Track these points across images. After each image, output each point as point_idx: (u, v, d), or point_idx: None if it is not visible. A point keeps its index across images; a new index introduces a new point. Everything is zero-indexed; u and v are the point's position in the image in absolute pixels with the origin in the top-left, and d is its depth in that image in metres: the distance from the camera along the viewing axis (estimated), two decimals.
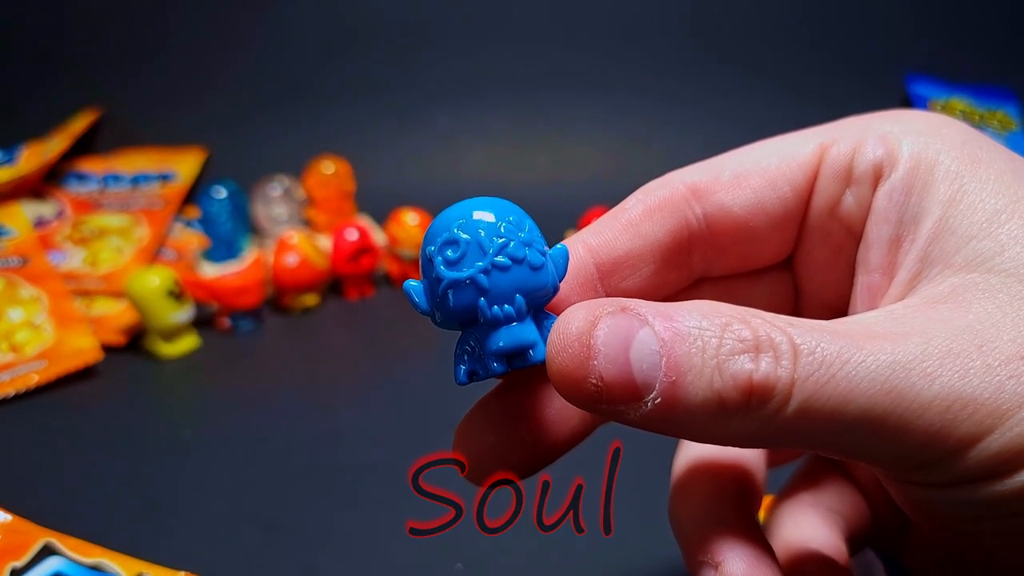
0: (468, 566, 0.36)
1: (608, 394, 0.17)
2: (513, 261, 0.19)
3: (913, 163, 0.21)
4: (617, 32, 0.82)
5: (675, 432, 0.18)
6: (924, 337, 0.17)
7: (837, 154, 0.22)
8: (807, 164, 0.22)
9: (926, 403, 0.16)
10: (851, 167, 0.22)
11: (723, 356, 0.17)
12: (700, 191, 0.22)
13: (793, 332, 0.17)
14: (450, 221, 0.19)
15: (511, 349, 0.19)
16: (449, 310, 0.19)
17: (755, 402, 0.17)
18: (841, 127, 0.23)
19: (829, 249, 0.23)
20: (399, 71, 0.81)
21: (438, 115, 0.79)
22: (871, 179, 0.21)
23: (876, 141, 0.22)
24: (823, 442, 0.17)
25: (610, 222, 0.22)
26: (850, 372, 0.16)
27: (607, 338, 0.17)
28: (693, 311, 0.17)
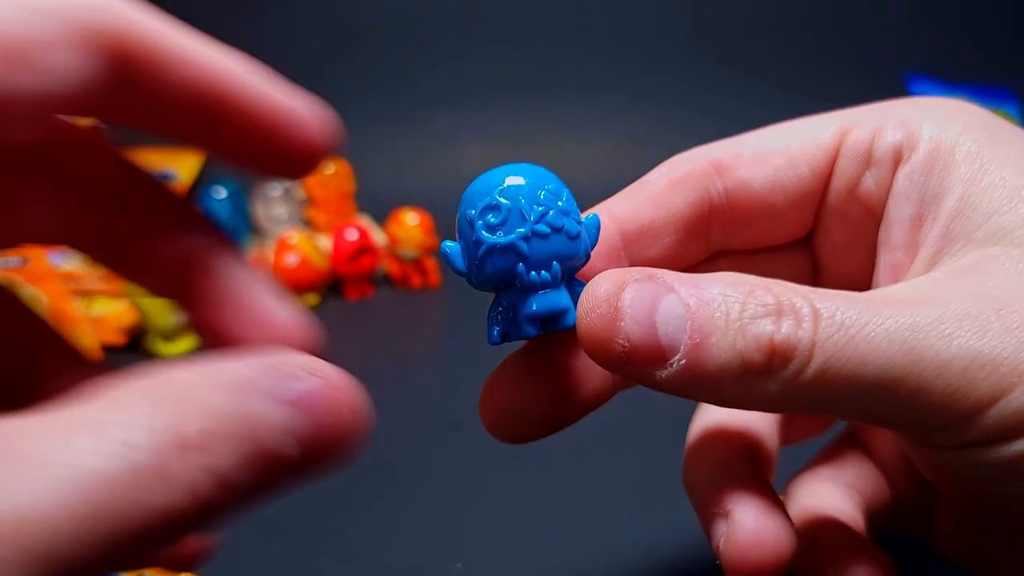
0: (468, 566, 0.36)
1: (634, 355, 0.18)
2: (552, 229, 0.19)
3: (933, 145, 0.21)
4: (617, 33, 0.82)
5: (698, 395, 0.18)
6: (944, 301, 0.17)
7: (857, 137, 0.23)
8: (827, 145, 0.23)
9: (944, 363, 0.16)
10: (871, 149, 0.22)
11: (746, 319, 0.17)
12: (722, 166, 0.23)
13: (814, 298, 0.17)
14: (491, 186, 0.20)
15: (546, 313, 0.20)
16: (486, 273, 0.20)
17: (776, 363, 0.17)
18: (861, 112, 0.23)
19: (848, 229, 0.23)
20: (399, 71, 0.81)
21: (438, 115, 0.79)
22: (891, 161, 0.22)
23: (896, 125, 0.22)
24: (844, 405, 0.18)
25: (635, 193, 0.23)
26: (869, 334, 0.17)
27: (634, 301, 0.18)
28: (718, 280, 0.18)
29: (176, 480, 0.13)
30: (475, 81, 0.81)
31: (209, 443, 0.14)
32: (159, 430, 0.13)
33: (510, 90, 0.81)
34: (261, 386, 0.16)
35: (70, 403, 0.13)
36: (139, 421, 0.13)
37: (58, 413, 0.13)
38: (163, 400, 0.14)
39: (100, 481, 0.12)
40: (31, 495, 0.12)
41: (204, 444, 0.14)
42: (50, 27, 0.16)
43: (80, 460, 0.12)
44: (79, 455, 0.12)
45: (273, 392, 0.16)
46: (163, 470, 0.13)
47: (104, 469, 0.12)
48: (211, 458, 0.14)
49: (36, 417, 0.13)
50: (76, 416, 0.13)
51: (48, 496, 0.12)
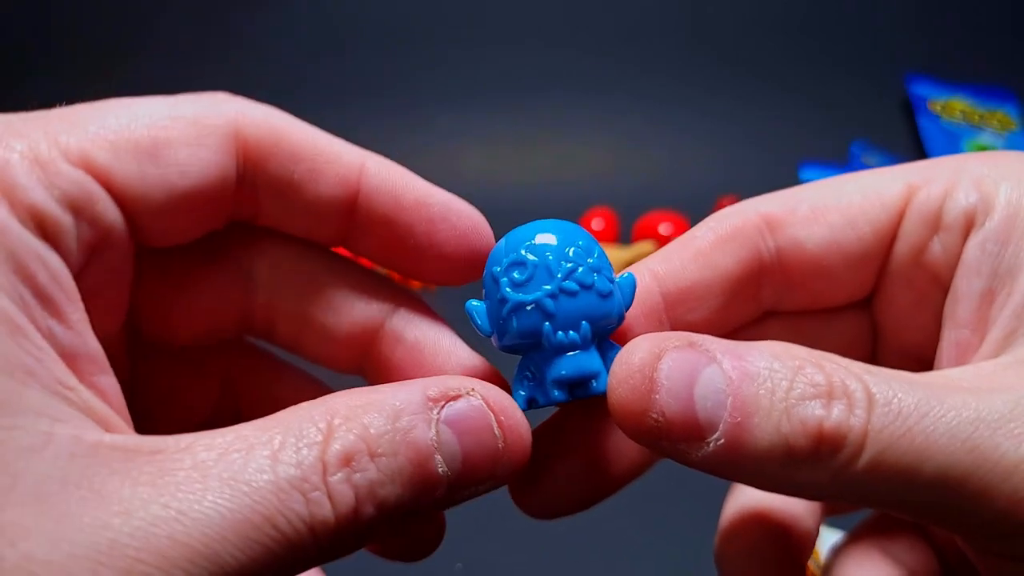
0: (468, 566, 0.36)
1: (669, 431, 0.16)
2: (581, 287, 0.19)
3: (1011, 211, 0.19)
4: (617, 33, 0.82)
5: (738, 477, 0.17)
6: (1015, 395, 0.16)
7: (926, 197, 0.20)
8: (892, 205, 0.21)
9: (1011, 466, 0.15)
10: (941, 212, 0.20)
11: (793, 400, 0.16)
12: (774, 222, 0.21)
13: (869, 380, 0.16)
14: (518, 242, 0.19)
15: (574, 377, 0.19)
16: (512, 333, 0.19)
17: (825, 451, 0.16)
18: (931, 167, 0.21)
19: (912, 296, 0.21)
20: (399, 71, 0.81)
21: (438, 115, 0.79)
22: (962, 226, 0.20)
23: (970, 185, 0.20)
24: (897, 501, 0.16)
25: (679, 250, 0.21)
26: (928, 426, 0.15)
27: (671, 372, 0.16)
28: (765, 351, 0.17)
29: (318, 493, 0.15)
30: (475, 81, 0.81)
31: (358, 459, 0.15)
32: (304, 448, 0.15)
33: (510, 90, 0.81)
34: (415, 406, 0.17)
35: (237, 427, 0.16)
36: (287, 440, 0.15)
37: (218, 435, 0.15)
38: (312, 420, 0.16)
39: (247, 492, 0.14)
40: (198, 503, 0.14)
41: (350, 460, 0.15)
42: (186, 130, 0.18)
43: (236, 477, 0.14)
44: (232, 473, 0.14)
45: (426, 411, 0.17)
46: (304, 483, 0.15)
47: (251, 482, 0.14)
48: (358, 474, 0.15)
49: (202, 438, 0.15)
50: (233, 439, 0.15)
51: (206, 505, 0.14)
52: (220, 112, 0.19)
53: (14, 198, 0.16)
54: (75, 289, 0.16)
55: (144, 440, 0.15)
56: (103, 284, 0.18)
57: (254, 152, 0.19)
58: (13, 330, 0.14)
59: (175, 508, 0.14)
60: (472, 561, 0.36)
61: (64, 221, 0.16)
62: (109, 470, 0.14)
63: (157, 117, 0.18)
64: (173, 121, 0.18)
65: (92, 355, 0.16)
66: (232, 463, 0.15)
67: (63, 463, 0.14)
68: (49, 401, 0.14)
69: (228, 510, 0.14)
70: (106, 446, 0.14)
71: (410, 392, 0.17)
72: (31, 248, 0.15)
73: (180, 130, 0.18)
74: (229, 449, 0.15)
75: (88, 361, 0.16)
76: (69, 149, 0.17)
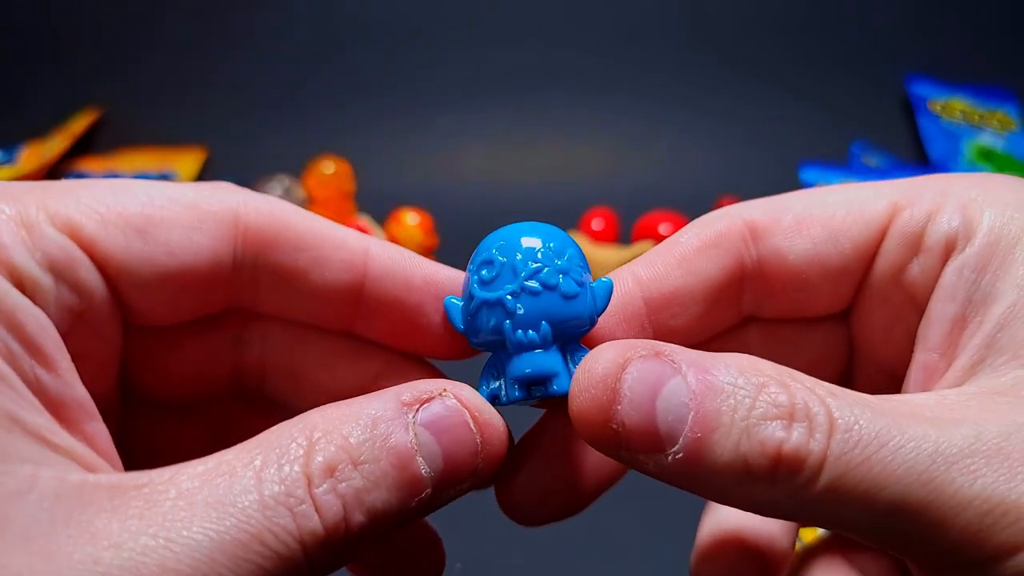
0: (468, 566, 0.36)
1: (628, 441, 0.16)
2: (544, 287, 0.19)
3: (992, 238, 0.19)
4: (617, 33, 0.82)
5: (694, 489, 0.17)
6: (975, 429, 0.16)
7: (909, 218, 0.20)
8: (875, 223, 0.21)
9: (965, 502, 0.15)
10: (923, 234, 0.20)
11: (754, 419, 0.16)
12: (758, 231, 0.21)
13: (832, 403, 0.16)
14: (492, 242, 0.19)
15: (530, 376, 0.19)
16: (477, 329, 0.19)
17: (783, 472, 0.16)
18: (919, 187, 0.21)
19: (888, 313, 0.21)
20: (399, 71, 0.81)
21: (438, 115, 0.79)
22: (942, 250, 0.20)
23: (954, 209, 0.20)
24: (852, 525, 0.16)
25: (663, 255, 0.21)
26: (886, 456, 0.15)
27: (635, 383, 0.16)
28: (731, 365, 0.17)
29: (304, 506, 0.15)
30: (475, 81, 0.81)
31: (341, 469, 0.16)
32: (286, 464, 0.15)
33: (510, 90, 0.81)
34: (390, 412, 0.17)
35: (217, 455, 0.16)
36: (269, 458, 0.15)
37: (200, 463, 0.16)
38: (292, 437, 0.16)
39: (233, 513, 0.14)
40: (186, 530, 0.14)
41: (334, 470, 0.16)
42: (182, 213, 0.18)
43: (223, 501, 0.15)
44: (218, 497, 0.15)
45: (402, 416, 0.17)
46: (290, 498, 0.15)
47: (236, 503, 0.15)
48: (343, 483, 0.16)
49: (185, 468, 0.15)
50: (215, 465, 0.15)
51: (194, 531, 0.14)
52: (221, 199, 0.19)
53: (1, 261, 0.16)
54: (60, 340, 0.16)
55: (128, 476, 0.15)
56: (89, 350, 0.18)
57: (255, 240, 0.19)
58: (2, 381, 0.15)
59: (163, 537, 0.14)
60: (472, 561, 0.36)
61: (45, 283, 0.16)
62: (96, 507, 0.14)
63: (155, 198, 0.18)
64: (170, 203, 0.18)
65: (80, 402, 0.16)
66: (217, 487, 0.15)
67: (49, 504, 0.14)
68: (32, 447, 0.15)
69: (216, 532, 0.14)
70: (90, 484, 0.15)
71: (384, 400, 0.17)
72: (16, 301, 0.16)
73: (175, 212, 0.18)
74: (213, 474, 0.15)
75: (76, 408, 0.16)
76: (57, 215, 0.17)
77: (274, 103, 0.80)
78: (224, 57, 0.82)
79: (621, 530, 0.38)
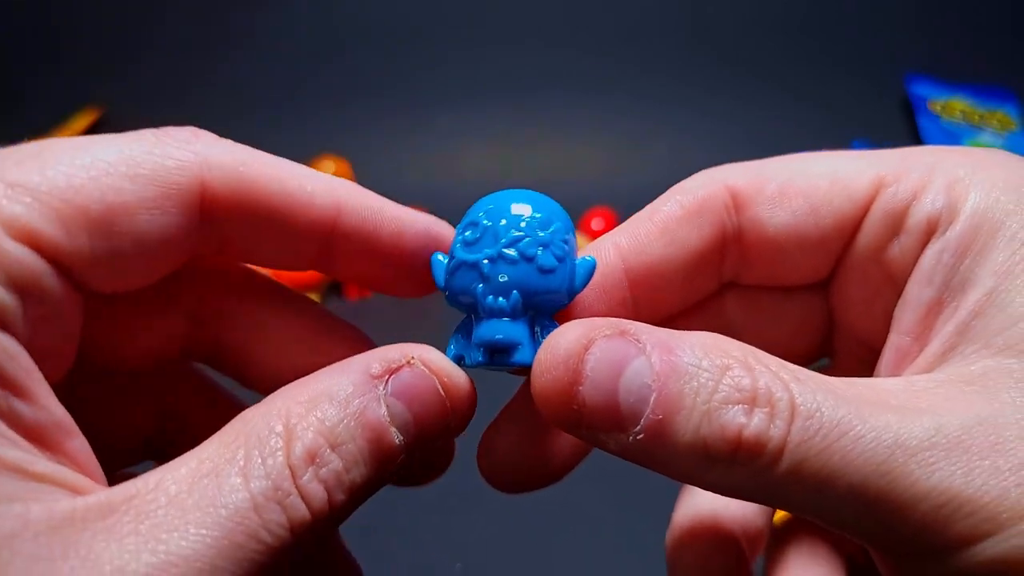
0: (468, 566, 0.36)
1: (589, 420, 0.16)
2: (522, 257, 0.19)
3: (975, 221, 0.18)
4: (617, 32, 0.82)
5: (655, 468, 0.17)
6: (936, 420, 0.16)
7: (893, 195, 0.20)
8: (858, 198, 0.20)
9: (921, 494, 0.15)
10: (905, 214, 0.20)
11: (716, 403, 0.16)
12: (740, 199, 0.21)
13: (795, 389, 0.16)
14: (482, 205, 0.20)
15: (492, 342, 0.19)
16: (452, 289, 0.20)
17: (742, 456, 0.16)
18: (909, 160, 0.20)
19: (867, 289, 0.21)
20: (399, 71, 0.81)
21: (438, 115, 0.79)
22: (923, 232, 0.19)
23: (940, 188, 0.19)
24: (811, 509, 0.16)
25: (645, 223, 0.21)
26: (847, 445, 0.15)
27: (597, 363, 0.16)
28: (696, 345, 0.16)
29: (292, 497, 0.15)
30: (475, 81, 0.81)
31: (321, 454, 0.16)
32: (269, 458, 0.15)
33: (510, 90, 0.80)
34: (361, 387, 0.17)
35: (196, 452, 0.16)
36: (251, 453, 0.15)
37: (181, 465, 0.15)
38: (269, 428, 0.16)
39: (226, 516, 0.14)
40: (184, 540, 0.14)
41: (315, 457, 0.16)
42: (144, 192, 0.17)
43: (214, 503, 0.15)
44: (209, 500, 0.15)
45: (373, 389, 0.17)
46: (278, 492, 0.15)
47: (228, 505, 0.15)
48: (324, 468, 0.16)
49: (168, 472, 0.15)
50: (197, 464, 0.15)
51: (192, 539, 0.14)
52: (182, 165, 0.18)
53: None
54: (32, 363, 0.16)
55: (114, 492, 0.15)
56: (51, 344, 0.17)
57: (221, 206, 0.18)
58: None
59: (163, 551, 0.14)
60: (472, 561, 0.36)
61: (10, 304, 0.15)
62: (91, 532, 0.14)
63: (111, 173, 0.17)
64: (130, 181, 0.17)
65: (58, 423, 0.16)
66: (205, 489, 0.15)
67: (45, 539, 0.14)
68: (16, 483, 0.15)
69: (213, 538, 0.14)
70: (81, 509, 0.15)
71: (353, 373, 0.17)
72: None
73: (137, 192, 0.17)
74: (197, 475, 0.15)
75: (54, 430, 0.16)
76: (13, 222, 0.16)
77: (274, 103, 0.79)
78: (224, 57, 0.82)
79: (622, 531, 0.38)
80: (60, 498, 0.15)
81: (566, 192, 0.72)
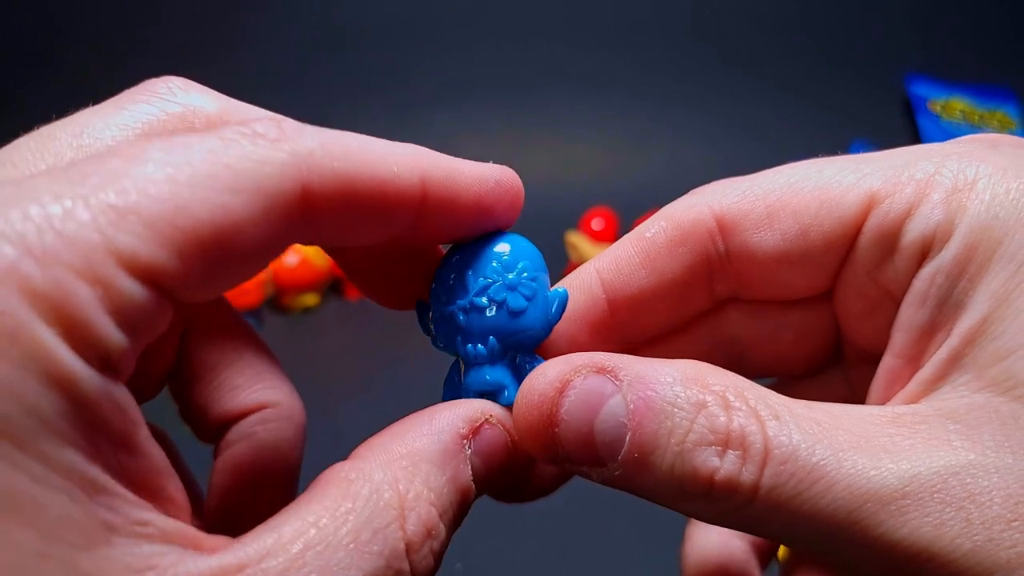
0: (468, 566, 0.36)
1: (569, 458, 0.17)
2: (491, 303, 0.19)
3: (971, 240, 0.17)
4: (617, 32, 0.82)
5: (641, 496, 0.17)
6: (913, 466, 0.15)
7: (886, 214, 0.19)
8: (848, 219, 0.19)
9: (891, 544, 0.15)
10: (899, 233, 0.19)
11: (689, 444, 0.16)
12: (727, 226, 0.20)
13: (771, 429, 0.16)
14: (453, 251, 0.20)
15: (478, 390, 0.20)
16: (437, 340, 0.21)
17: (716, 495, 0.16)
18: (906, 167, 0.19)
19: (865, 304, 0.20)
20: (398, 70, 0.81)
21: (437, 115, 0.79)
22: (917, 253, 0.18)
23: (937, 202, 0.18)
24: (790, 541, 0.16)
25: (627, 252, 0.21)
26: (818, 492, 0.15)
27: (572, 407, 0.16)
28: (677, 379, 0.16)
29: (404, 574, 0.15)
30: (474, 81, 0.81)
31: (435, 529, 0.16)
32: (381, 536, 0.15)
33: (509, 90, 0.80)
34: (454, 447, 0.17)
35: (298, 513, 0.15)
36: (361, 523, 0.15)
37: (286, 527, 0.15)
38: (379, 493, 0.16)
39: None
40: None
41: (430, 534, 0.16)
42: (250, 207, 0.16)
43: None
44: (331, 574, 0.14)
45: (463, 450, 0.17)
46: (391, 571, 0.15)
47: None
48: (435, 541, 0.16)
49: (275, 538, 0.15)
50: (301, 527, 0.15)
51: None
52: (284, 173, 0.16)
53: (78, 334, 0.13)
54: (138, 411, 0.15)
55: (224, 559, 0.15)
56: (148, 371, 0.17)
57: (321, 206, 0.17)
58: (92, 491, 0.14)
59: None
60: (472, 561, 0.36)
61: (124, 346, 0.14)
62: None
63: (213, 188, 0.15)
64: (234, 195, 0.15)
65: (157, 469, 0.15)
66: (319, 561, 0.15)
67: None
68: (135, 551, 0.14)
69: None
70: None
71: (443, 434, 0.17)
72: (101, 392, 0.14)
73: (244, 208, 0.15)
74: (307, 547, 0.15)
75: (155, 476, 0.15)
76: (130, 258, 0.14)
77: (273, 103, 0.79)
78: (222, 56, 0.82)
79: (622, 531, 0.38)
80: (173, 561, 0.14)
81: (566, 192, 0.73)
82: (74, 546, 0.13)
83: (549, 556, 0.37)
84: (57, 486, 0.13)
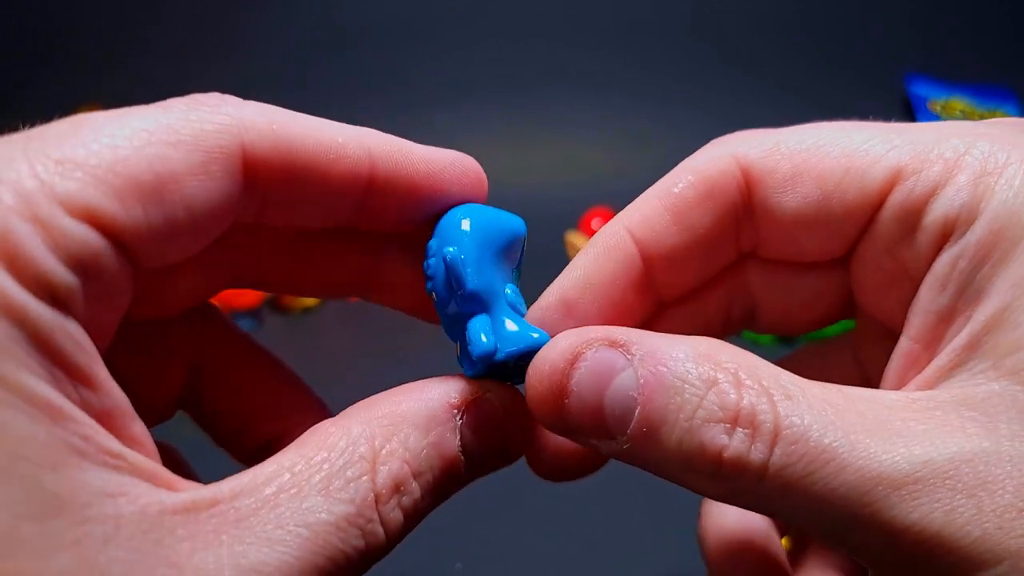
0: (468, 566, 0.36)
1: (578, 430, 0.17)
2: (427, 279, 0.20)
3: (997, 225, 0.17)
4: (617, 32, 0.82)
5: (649, 471, 0.17)
6: (926, 452, 0.15)
7: (910, 192, 0.18)
8: (872, 192, 0.19)
9: (901, 528, 0.15)
10: (922, 211, 0.18)
11: (698, 420, 0.16)
12: (752, 178, 0.20)
13: (783, 409, 0.15)
14: None
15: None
16: None
17: (724, 473, 0.16)
18: (936, 146, 0.19)
19: (883, 277, 0.20)
20: (398, 69, 0.81)
21: (437, 115, 0.79)
22: (939, 234, 0.18)
23: (964, 183, 0.18)
24: (798, 522, 0.16)
25: (658, 209, 0.21)
26: (829, 474, 0.15)
27: (582, 378, 0.17)
28: (689, 354, 0.16)
29: (373, 523, 0.16)
30: (474, 80, 0.81)
31: (405, 484, 0.16)
32: (353, 481, 0.16)
33: (510, 89, 0.80)
34: (442, 415, 0.17)
35: (276, 460, 0.16)
36: (334, 469, 0.16)
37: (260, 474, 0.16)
38: (353, 444, 0.16)
39: (308, 537, 0.15)
40: (267, 556, 0.14)
41: (399, 487, 0.16)
42: (189, 159, 0.17)
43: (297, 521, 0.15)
44: (291, 517, 0.15)
45: (452, 419, 0.17)
46: (360, 518, 0.15)
47: (310, 525, 0.15)
48: (405, 496, 0.16)
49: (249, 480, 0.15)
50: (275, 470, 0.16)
51: (275, 557, 0.14)
52: (222, 130, 0.17)
53: (22, 268, 0.14)
54: (94, 348, 0.15)
55: (198, 494, 0.15)
56: (104, 320, 0.17)
57: (261, 166, 0.18)
58: (55, 415, 0.14)
59: (247, 566, 0.14)
60: (472, 561, 0.36)
61: (73, 284, 0.15)
62: (176, 537, 0.14)
63: (153, 142, 0.16)
64: (174, 148, 0.16)
65: (121, 408, 0.16)
66: (288, 505, 0.15)
67: (138, 543, 0.14)
68: (105, 477, 0.14)
69: (295, 558, 0.14)
70: (168, 511, 0.15)
71: (433, 401, 0.18)
72: (53, 322, 0.14)
73: (183, 159, 0.16)
74: (279, 489, 0.15)
75: (119, 415, 0.16)
76: (69, 199, 0.15)
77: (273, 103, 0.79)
78: (223, 55, 0.82)
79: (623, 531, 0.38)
80: (144, 491, 0.15)
81: (566, 192, 0.73)
82: (38, 465, 0.13)
83: (549, 556, 0.37)
84: (14, 405, 0.13)
